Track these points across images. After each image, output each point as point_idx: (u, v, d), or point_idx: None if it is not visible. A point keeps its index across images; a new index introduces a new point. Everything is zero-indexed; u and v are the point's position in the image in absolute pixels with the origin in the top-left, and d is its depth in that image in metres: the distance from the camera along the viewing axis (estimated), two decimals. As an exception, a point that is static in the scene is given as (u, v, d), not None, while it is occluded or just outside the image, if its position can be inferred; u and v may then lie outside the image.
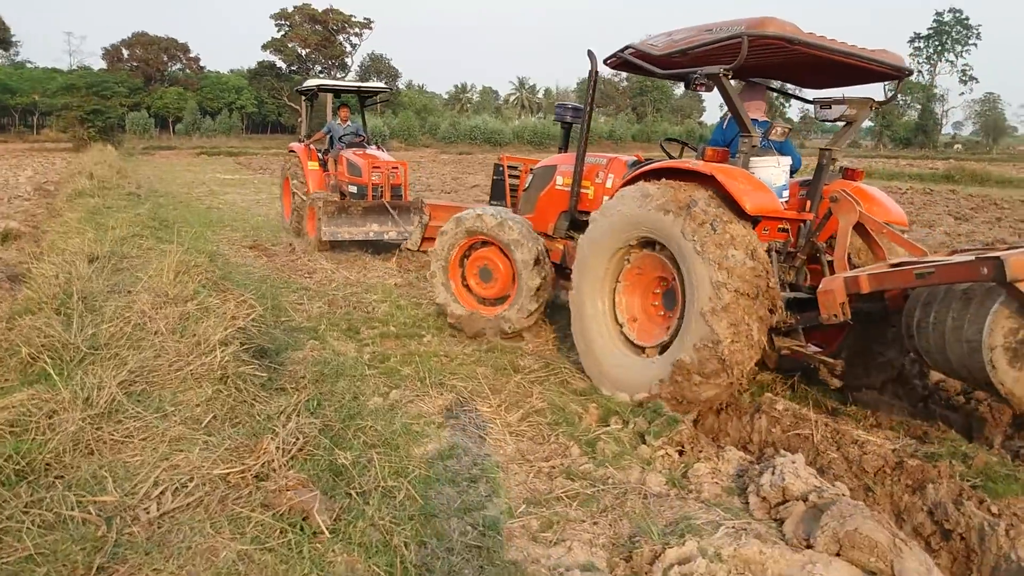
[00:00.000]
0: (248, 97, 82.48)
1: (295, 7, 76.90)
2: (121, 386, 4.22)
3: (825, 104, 5.46)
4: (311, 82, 14.38)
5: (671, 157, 6.20)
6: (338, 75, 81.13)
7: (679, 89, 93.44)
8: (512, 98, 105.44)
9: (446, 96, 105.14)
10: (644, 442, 4.56)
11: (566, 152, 7.54)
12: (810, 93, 6.40)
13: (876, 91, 11.46)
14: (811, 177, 5.64)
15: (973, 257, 4.15)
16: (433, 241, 7.63)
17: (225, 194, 22.69)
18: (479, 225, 7.01)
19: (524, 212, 7.43)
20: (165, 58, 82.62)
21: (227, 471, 3.52)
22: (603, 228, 5.56)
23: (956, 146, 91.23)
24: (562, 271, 7.02)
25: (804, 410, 4.91)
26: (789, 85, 6.93)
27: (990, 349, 4.08)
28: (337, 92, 15.04)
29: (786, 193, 5.56)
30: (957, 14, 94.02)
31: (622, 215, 5.36)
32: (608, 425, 4.86)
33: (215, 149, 56.12)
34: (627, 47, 5.82)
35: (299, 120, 79.06)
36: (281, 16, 77.14)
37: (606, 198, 6.23)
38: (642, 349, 5.52)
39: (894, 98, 5.97)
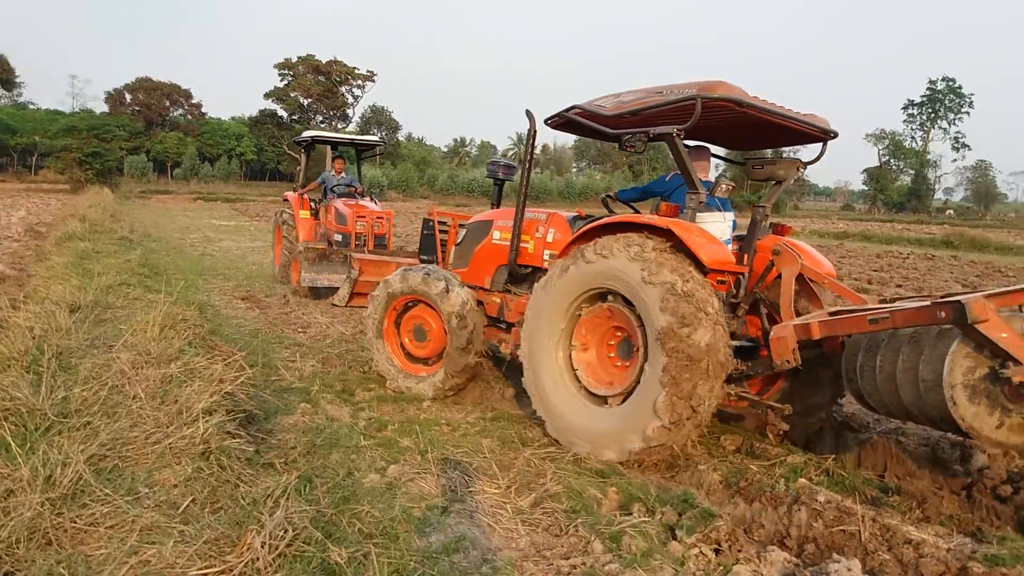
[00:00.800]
0: (248, 144, 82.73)
1: (299, 58, 77.41)
2: (90, 462, 3.73)
3: (757, 164, 5.99)
4: (307, 133, 14.47)
5: (612, 212, 6.43)
6: (339, 126, 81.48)
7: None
8: (510, 152, 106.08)
9: (445, 149, 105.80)
10: (675, 538, 4.06)
11: (499, 208, 7.61)
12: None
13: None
14: (744, 233, 6.05)
15: (930, 303, 4.43)
16: (361, 298, 7.90)
17: (220, 241, 22.31)
18: (405, 286, 7.02)
19: (456, 266, 7.53)
20: (167, 103, 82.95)
21: (204, 571, 3.03)
22: (558, 282, 5.63)
23: (948, 211, 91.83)
24: (497, 323, 7.01)
25: (847, 502, 4.44)
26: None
27: (951, 387, 4.30)
28: (333, 144, 15.21)
29: (730, 247, 5.85)
30: (950, 83, 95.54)
31: (580, 269, 5.45)
32: (631, 514, 4.36)
33: (212, 195, 55.95)
34: (572, 107, 5.98)
35: (297, 169, 79.27)
36: (285, 66, 77.58)
37: (547, 252, 6.52)
38: (603, 399, 5.56)
39: (819, 158, 6.14)
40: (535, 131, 6.23)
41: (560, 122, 6.22)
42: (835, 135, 5.87)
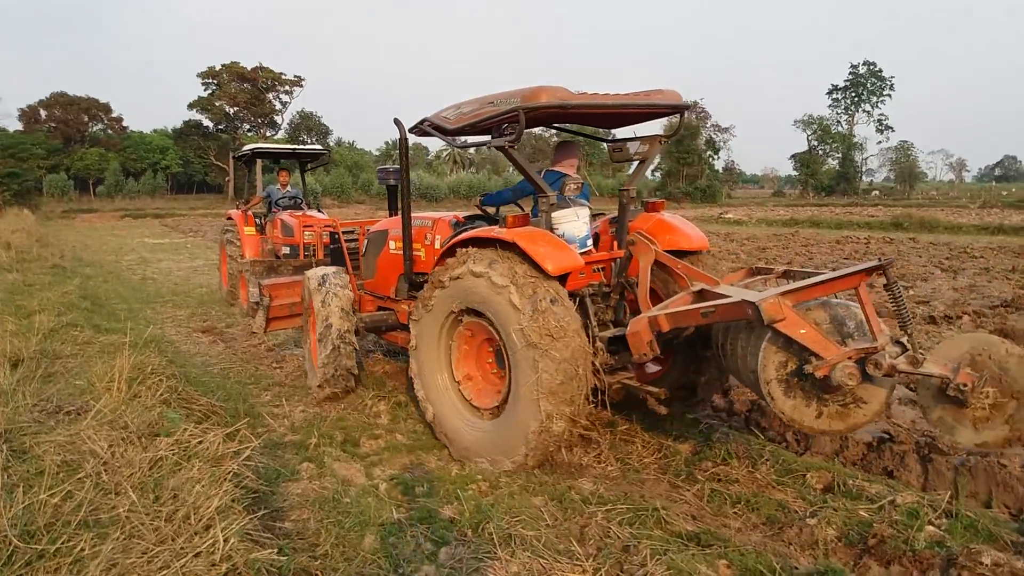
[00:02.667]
0: (173, 157, 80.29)
1: (223, 65, 75.09)
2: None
3: (617, 147, 6.02)
4: (248, 147, 13.56)
5: (488, 215, 6.63)
6: (268, 133, 79.50)
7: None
8: (444, 154, 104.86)
9: (377, 152, 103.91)
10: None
11: (396, 215, 7.63)
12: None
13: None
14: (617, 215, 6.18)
15: (740, 299, 4.42)
16: (280, 321, 8.17)
17: (158, 262, 20.88)
18: (307, 284, 7.20)
19: (366, 277, 7.66)
20: (85, 118, 79.52)
21: None
22: (433, 298, 5.70)
23: (874, 192, 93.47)
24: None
25: (1016, 561, 3.66)
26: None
27: (766, 383, 4.37)
28: (275, 157, 14.54)
29: (589, 242, 5.95)
30: (871, 66, 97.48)
31: (443, 290, 5.56)
32: (760, 599, 3.52)
33: (140, 211, 53.93)
34: (423, 120, 6.01)
35: (226, 179, 78.56)
36: (208, 74, 75.20)
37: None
38: (490, 411, 5.60)
39: (678, 132, 6.15)
40: (406, 139, 6.20)
41: (419, 132, 6.16)
42: (687, 107, 5.82)
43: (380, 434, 6.21)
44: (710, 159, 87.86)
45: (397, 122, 6.22)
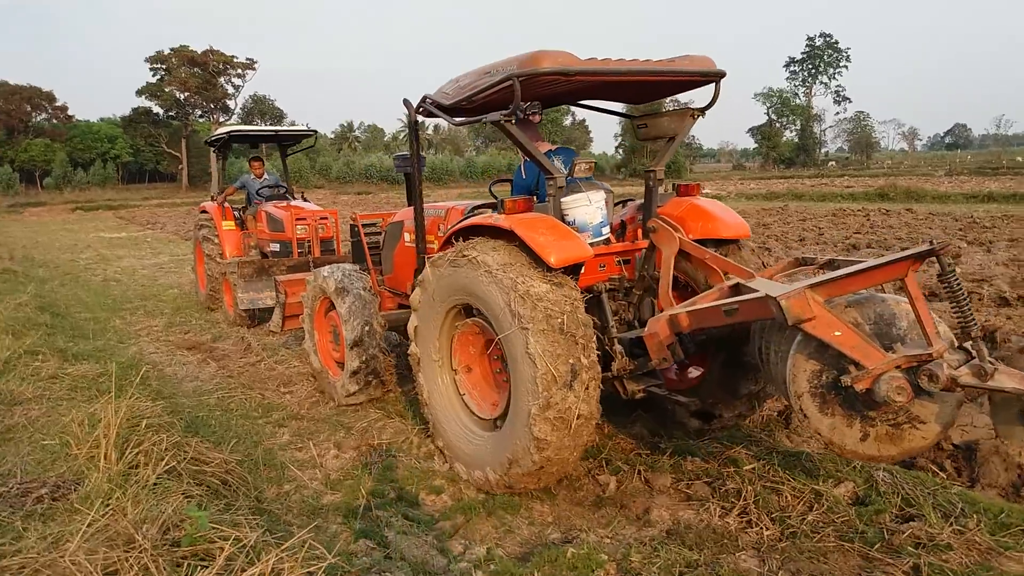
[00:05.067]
0: (123, 146, 77.72)
1: (172, 49, 72.37)
2: None
3: (643, 124, 5.38)
4: (222, 130, 11.86)
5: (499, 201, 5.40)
6: (221, 118, 77.08)
7: (567, 120, 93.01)
8: (402, 135, 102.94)
9: (332, 136, 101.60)
10: None
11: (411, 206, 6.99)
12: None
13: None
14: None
15: (764, 294, 3.62)
16: (296, 320, 7.73)
17: (119, 259, 19.18)
18: (324, 286, 6.67)
19: (386, 273, 7.07)
20: (28, 108, 76.13)
21: None
22: (426, 296, 5.11)
23: (830, 163, 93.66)
24: None
25: None
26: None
27: (797, 397, 3.63)
28: (253, 140, 13.03)
29: (606, 230, 5.14)
30: (827, 38, 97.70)
31: (440, 282, 4.92)
32: None
33: (91, 203, 51.73)
34: (425, 98, 5.40)
35: (179, 168, 76.14)
36: (157, 59, 72.44)
37: None
38: (492, 422, 4.89)
39: (713, 103, 5.21)
40: (416, 120, 5.61)
41: (425, 112, 5.53)
42: (722, 74, 4.98)
43: (442, 486, 4.90)
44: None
45: (406, 102, 5.58)
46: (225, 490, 4.32)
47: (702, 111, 5.25)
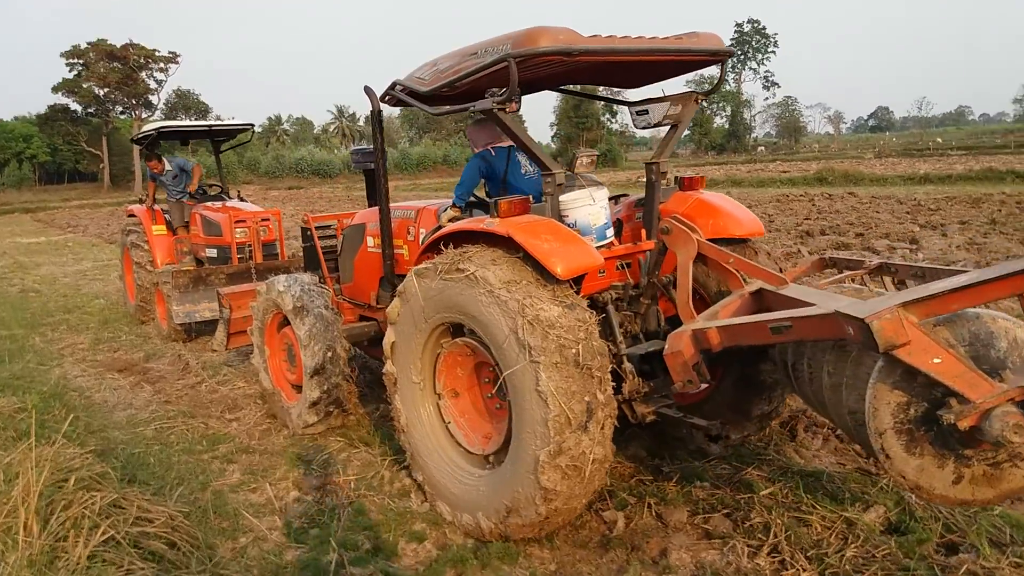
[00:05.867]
0: (39, 145, 74.61)
1: (89, 43, 69.43)
2: None
3: (642, 110, 4.78)
4: (150, 126, 10.96)
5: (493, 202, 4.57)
6: (144, 114, 74.43)
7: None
8: (332, 127, 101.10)
9: (260, 129, 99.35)
10: None
11: (372, 204, 6.40)
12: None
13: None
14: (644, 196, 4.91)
15: (834, 311, 3.06)
16: (243, 336, 6.95)
17: (38, 267, 17.97)
18: (279, 301, 5.89)
19: (344, 281, 6.44)
20: (-66, 107, 72.52)
21: None
22: (407, 311, 4.44)
23: (760, 148, 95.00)
24: None
25: None
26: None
27: (878, 434, 3.01)
28: (184, 136, 12.37)
29: (610, 232, 4.59)
30: (755, 24, 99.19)
31: (424, 296, 4.25)
32: None
33: (7, 206, 49.48)
34: (394, 83, 4.92)
35: (100, 167, 73.22)
36: (74, 54, 69.47)
37: None
38: (484, 458, 4.32)
39: (719, 86, 4.88)
40: (379, 111, 5.13)
41: (395, 100, 5.08)
42: (730, 53, 4.62)
43: (423, 531, 4.29)
44: (608, 122, 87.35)
45: (368, 91, 5.12)
46: (173, 554, 3.66)
47: (706, 95, 4.84)
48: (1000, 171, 28.97)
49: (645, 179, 4.83)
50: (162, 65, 73.97)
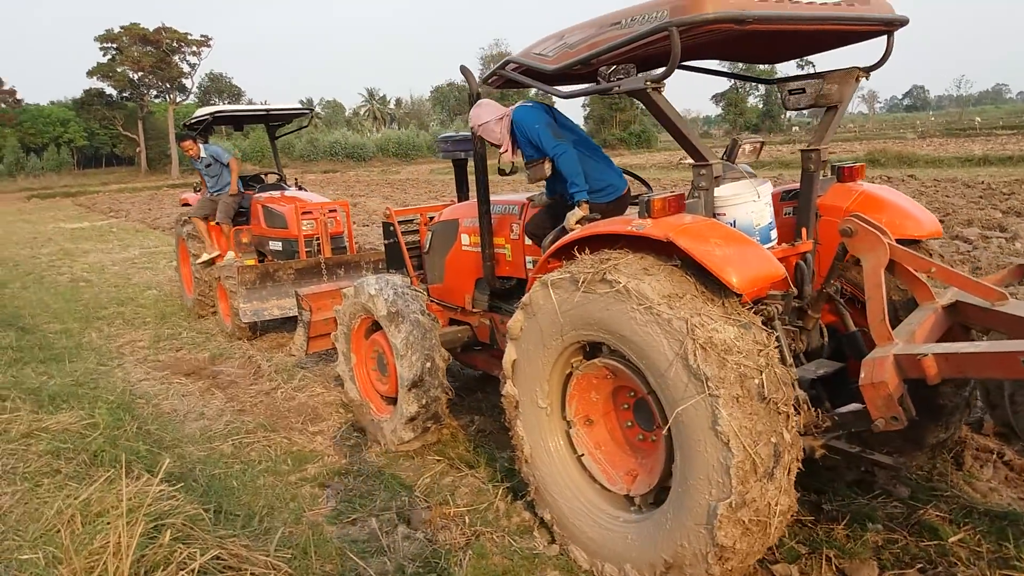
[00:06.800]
0: (76, 129, 75.04)
1: (122, 27, 69.34)
2: None
3: (798, 88, 4.08)
4: (204, 110, 10.41)
5: (645, 200, 4.01)
6: (178, 98, 74.45)
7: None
8: (363, 110, 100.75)
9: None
10: None
11: (467, 199, 6.12)
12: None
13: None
14: (794, 186, 4.25)
15: None
16: (324, 340, 6.61)
17: (85, 254, 17.64)
18: (369, 306, 5.34)
19: (431, 281, 5.95)
20: (-26, 92, 73.11)
21: None
22: (533, 327, 3.83)
23: (793, 128, 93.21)
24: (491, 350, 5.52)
25: None
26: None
27: None
28: (239, 121, 11.79)
29: (775, 234, 4.00)
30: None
31: (559, 310, 3.61)
32: None
33: (48, 190, 49.68)
34: (506, 62, 4.42)
35: (137, 151, 73.35)
36: (107, 38, 69.41)
37: (530, 259, 4.90)
38: (629, 499, 3.71)
39: (886, 59, 4.01)
40: (478, 94, 4.71)
41: (501, 81, 4.59)
42: (903, 21, 3.87)
43: (557, 578, 3.72)
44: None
45: (464, 71, 4.77)
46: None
47: (867, 71, 4.08)
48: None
49: (801, 168, 4.14)
50: (194, 49, 73.75)
